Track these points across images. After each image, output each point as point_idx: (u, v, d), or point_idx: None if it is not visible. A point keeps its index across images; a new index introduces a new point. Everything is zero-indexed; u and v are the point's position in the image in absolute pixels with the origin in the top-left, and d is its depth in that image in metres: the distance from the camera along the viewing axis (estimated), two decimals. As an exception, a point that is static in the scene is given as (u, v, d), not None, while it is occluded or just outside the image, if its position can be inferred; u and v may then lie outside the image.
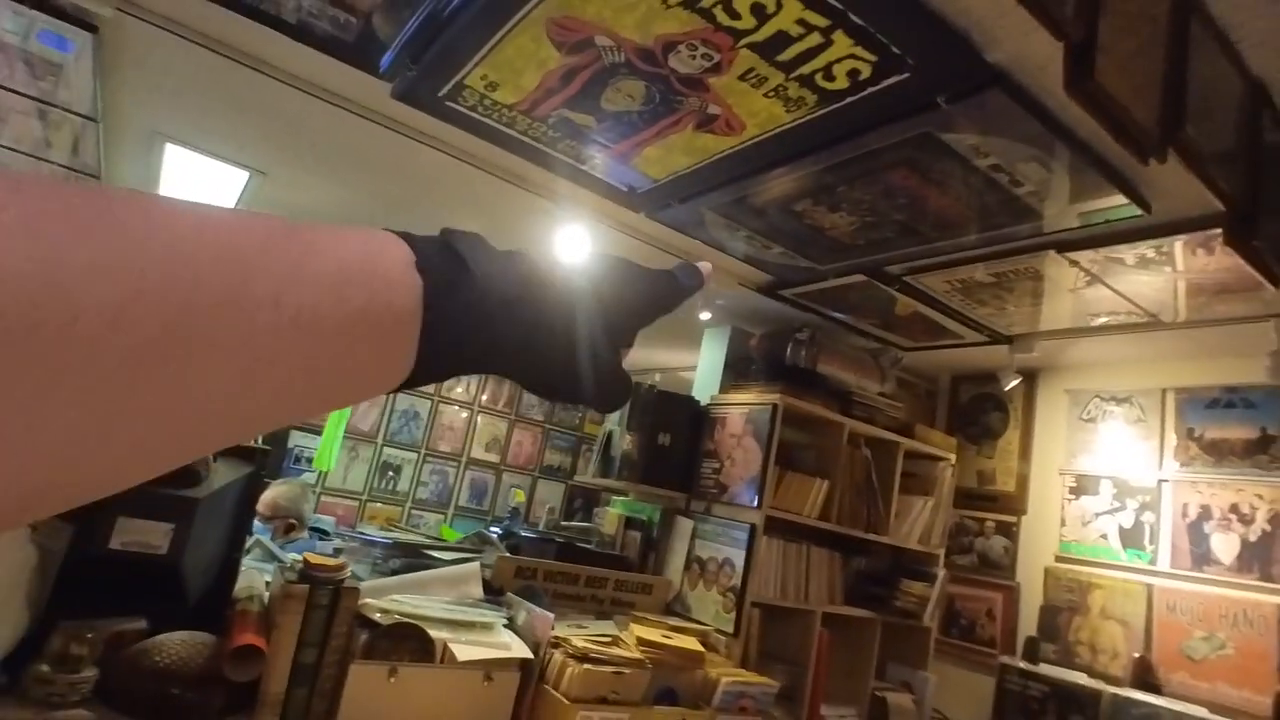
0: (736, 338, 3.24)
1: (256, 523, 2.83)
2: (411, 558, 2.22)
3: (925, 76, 1.44)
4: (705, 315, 3.30)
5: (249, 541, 2.22)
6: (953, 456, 3.05)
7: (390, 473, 5.40)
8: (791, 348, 2.94)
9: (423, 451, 5.54)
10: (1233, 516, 2.50)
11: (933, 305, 2.70)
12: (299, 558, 1.74)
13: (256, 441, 2.26)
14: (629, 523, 3.06)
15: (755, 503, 2.53)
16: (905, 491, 2.93)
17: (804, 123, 1.68)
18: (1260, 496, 2.46)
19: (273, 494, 2.98)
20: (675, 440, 2.85)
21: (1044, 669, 2.61)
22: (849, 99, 1.56)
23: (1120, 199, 1.77)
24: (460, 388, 5.74)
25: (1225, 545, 2.49)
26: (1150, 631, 2.54)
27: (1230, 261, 1.94)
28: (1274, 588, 2.35)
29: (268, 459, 1.88)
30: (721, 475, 2.72)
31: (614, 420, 2.99)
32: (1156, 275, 2.16)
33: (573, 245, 2.60)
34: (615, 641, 2.03)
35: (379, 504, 5.26)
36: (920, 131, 1.63)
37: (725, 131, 1.80)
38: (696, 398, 3.00)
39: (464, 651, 1.73)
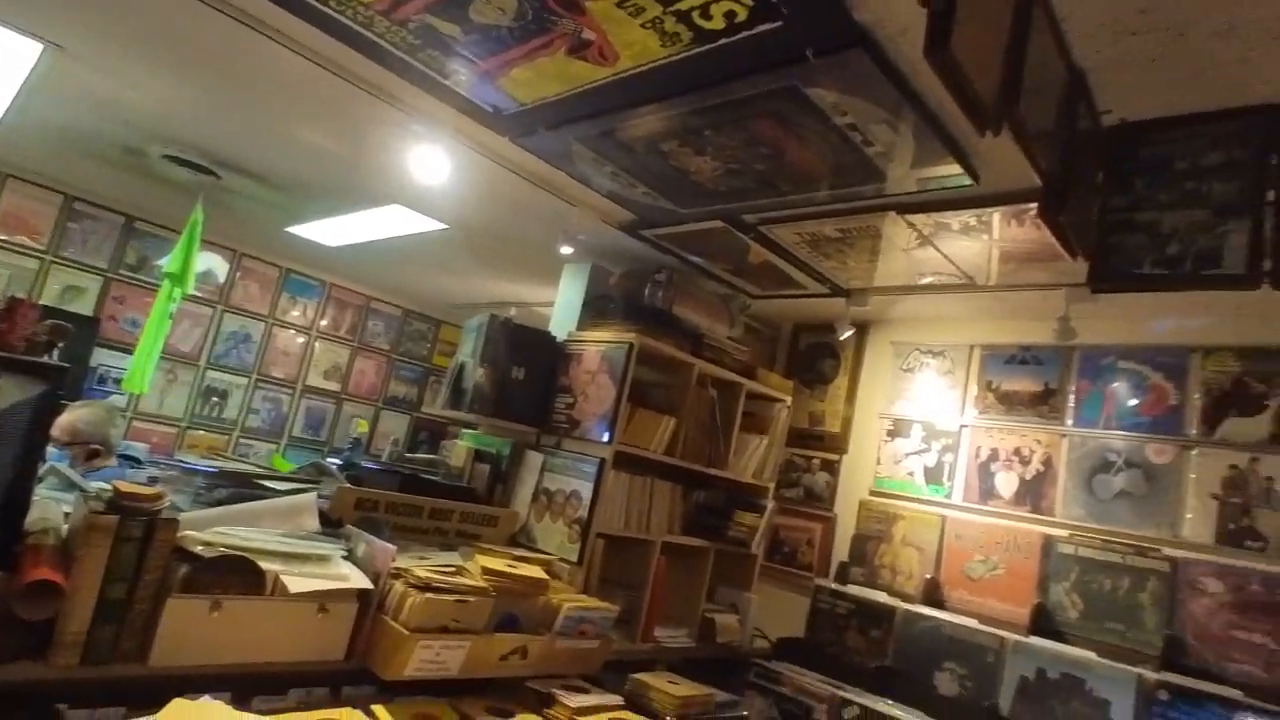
0: (596, 275, 3.24)
1: (52, 449, 2.52)
2: (240, 488, 2.08)
3: (796, 27, 1.47)
4: (566, 250, 3.26)
5: (43, 469, 1.98)
6: (789, 399, 3.26)
7: (215, 398, 4.98)
8: (650, 288, 2.98)
9: (254, 377, 5.14)
10: (1015, 458, 2.88)
11: (782, 255, 2.82)
12: (106, 486, 1.57)
13: (51, 356, 2.00)
14: (478, 456, 3.03)
15: (607, 438, 2.58)
16: (744, 430, 3.10)
17: (677, 60, 1.67)
18: (1039, 441, 2.84)
19: (71, 417, 2.66)
20: (530, 375, 2.83)
21: (851, 589, 2.92)
22: (723, 40, 1.56)
23: (955, 168, 1.92)
24: (297, 311, 5.35)
25: (1007, 483, 2.88)
26: (940, 556, 2.91)
27: (1037, 234, 2.18)
28: (1041, 518, 2.75)
29: (64, 377, 1.66)
30: (574, 411, 2.75)
31: (466, 353, 2.92)
32: (976, 241, 2.39)
33: (430, 165, 2.46)
34: (459, 571, 2.03)
35: (201, 431, 4.85)
36: (787, 84, 1.67)
37: (598, 60, 1.75)
38: (553, 334, 2.98)
39: (296, 583, 1.66)
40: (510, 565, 2.12)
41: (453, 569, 2.03)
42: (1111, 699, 2.20)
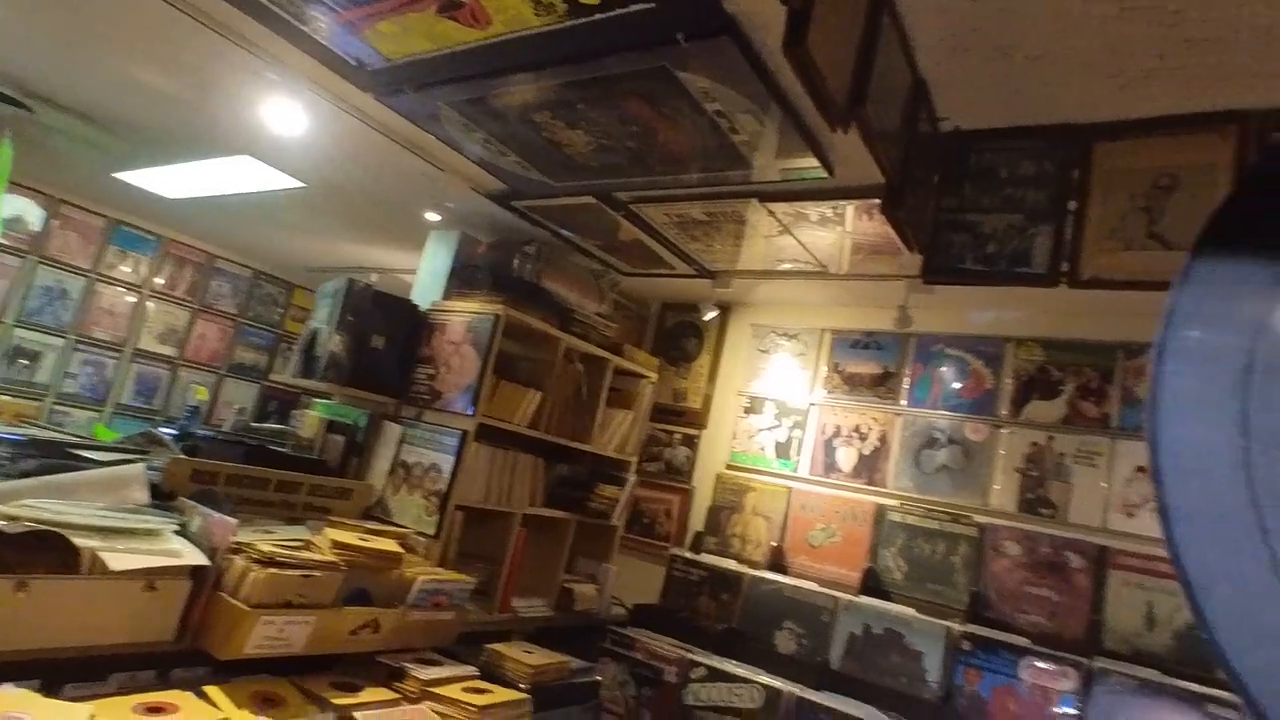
0: (464, 244, 3.16)
1: None
2: (51, 459, 1.88)
3: (668, 10, 1.51)
4: (433, 217, 3.16)
5: None
6: (654, 375, 3.35)
7: (24, 361, 4.44)
8: (519, 260, 2.96)
9: (72, 337, 4.62)
10: (855, 435, 3.12)
11: (652, 235, 2.88)
12: (-120, 453, 1.38)
13: None
14: (331, 427, 2.90)
15: (470, 410, 2.55)
16: (611, 405, 3.16)
17: (551, 31, 1.66)
18: (875, 420, 3.09)
19: None
20: (390, 344, 2.74)
21: (705, 558, 3.07)
22: (597, 16, 1.57)
23: (813, 161, 2.03)
24: (127, 266, 4.85)
25: (847, 457, 3.11)
26: (786, 525, 3.11)
27: (882, 228, 2.36)
28: (875, 490, 3.00)
29: None
30: (437, 382, 2.69)
31: (320, 318, 2.78)
32: (830, 233, 2.54)
33: (286, 117, 2.30)
34: (307, 546, 1.95)
35: (7, 397, 4.32)
36: (658, 65, 1.70)
37: (469, 23, 1.71)
38: (416, 302, 2.89)
39: (118, 560, 1.54)
40: (362, 539, 2.06)
41: (300, 543, 1.95)
42: (925, 650, 2.45)
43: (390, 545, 2.09)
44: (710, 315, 3.33)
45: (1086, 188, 1.63)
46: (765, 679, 2.44)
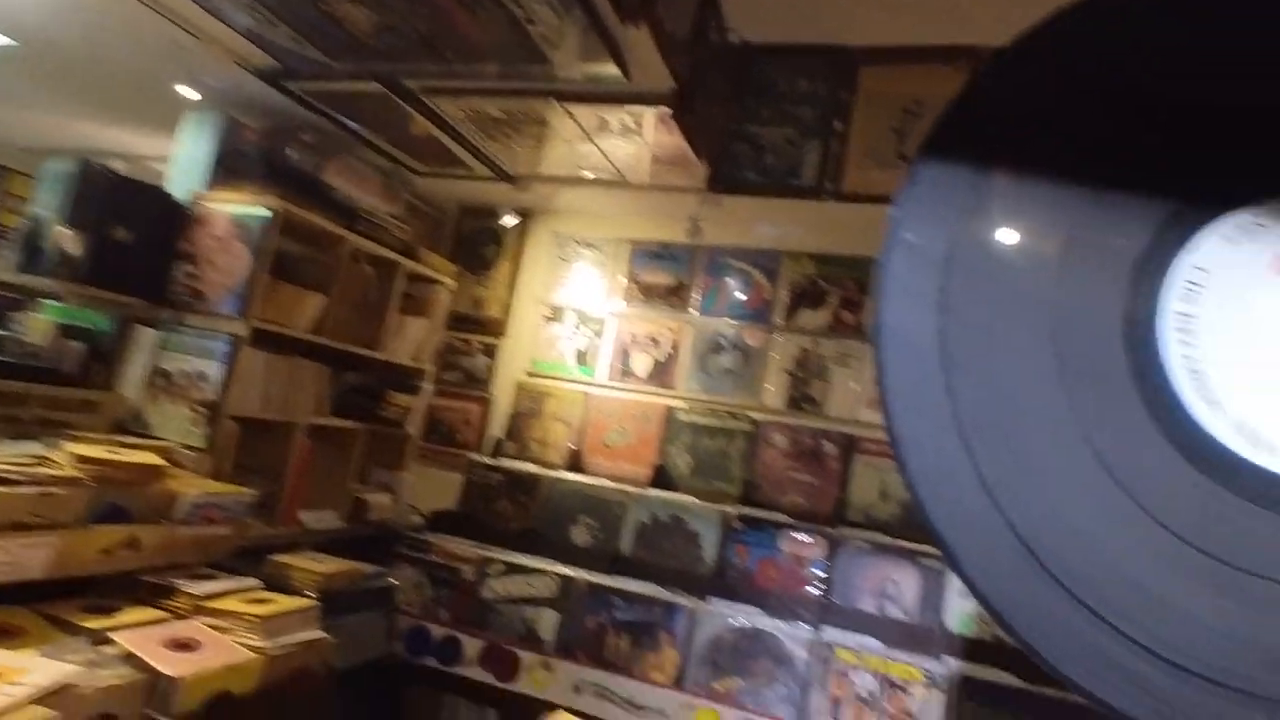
0: (229, 129, 2.79)
1: None
2: None
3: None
4: (189, 94, 2.75)
5: None
6: (452, 282, 3.26)
7: None
8: (296, 149, 2.68)
9: None
10: (649, 343, 3.28)
11: (447, 131, 2.74)
12: None
13: None
14: (69, 332, 2.51)
15: (239, 313, 2.33)
16: (404, 311, 3.04)
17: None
18: (669, 329, 3.26)
19: None
20: (140, 239, 2.40)
21: (504, 463, 3.12)
22: None
23: (609, 63, 2.02)
24: None
25: (642, 364, 3.27)
26: (584, 429, 3.23)
27: (679, 141, 2.42)
28: (666, 393, 3.20)
29: None
30: (200, 282, 2.41)
31: (44, 206, 2.36)
32: (631, 143, 2.57)
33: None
34: (41, 462, 1.71)
35: None
36: (447, -64, 1.59)
37: None
38: (172, 192, 2.54)
39: None
40: (113, 452, 1.85)
41: (32, 459, 1.71)
42: (703, 532, 2.72)
43: (149, 458, 1.90)
44: (510, 222, 3.27)
45: (851, 109, 1.80)
46: (561, 569, 2.58)
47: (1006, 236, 0.96)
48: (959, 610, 2.38)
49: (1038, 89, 0.92)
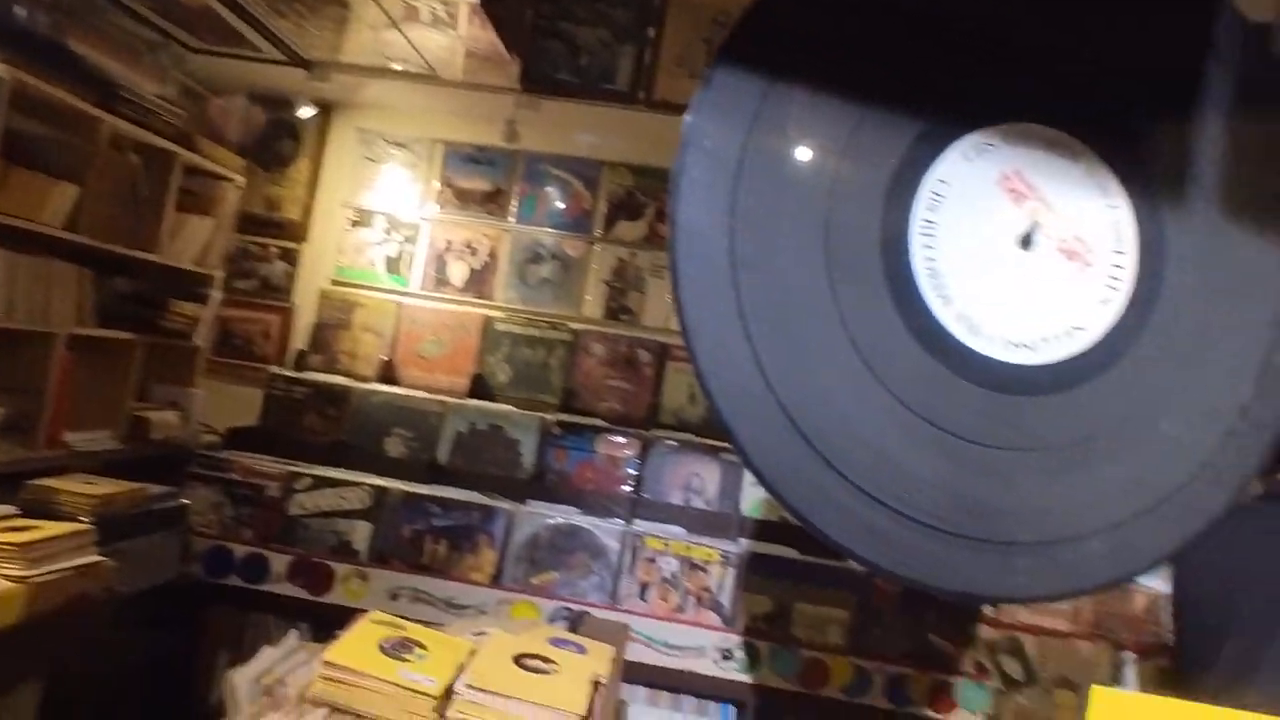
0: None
1: None
2: None
3: None
4: None
5: None
6: (240, 178, 2.94)
7: None
8: (26, 5, 2.24)
9: None
10: (466, 250, 3.19)
11: (225, 2, 2.41)
12: None
13: None
14: None
15: (-36, 201, 1.96)
16: (183, 209, 2.72)
17: None
18: (486, 236, 3.19)
19: None
20: None
21: (309, 375, 2.95)
22: None
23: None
24: None
25: (458, 272, 3.19)
26: (397, 339, 3.12)
27: (491, 35, 2.31)
28: (483, 303, 3.16)
29: None
30: (-97, 162, 1.99)
31: None
32: (443, 35, 2.42)
33: None
34: None
35: None
36: None
37: None
38: None
39: None
40: None
41: None
42: (522, 439, 2.77)
43: None
44: (307, 113, 2.98)
45: (664, 16, 1.81)
46: (374, 480, 2.53)
47: (792, 146, 1.04)
48: (751, 498, 2.65)
49: (815, 2, 0.99)
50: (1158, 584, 2.31)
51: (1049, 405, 1.01)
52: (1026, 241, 1.03)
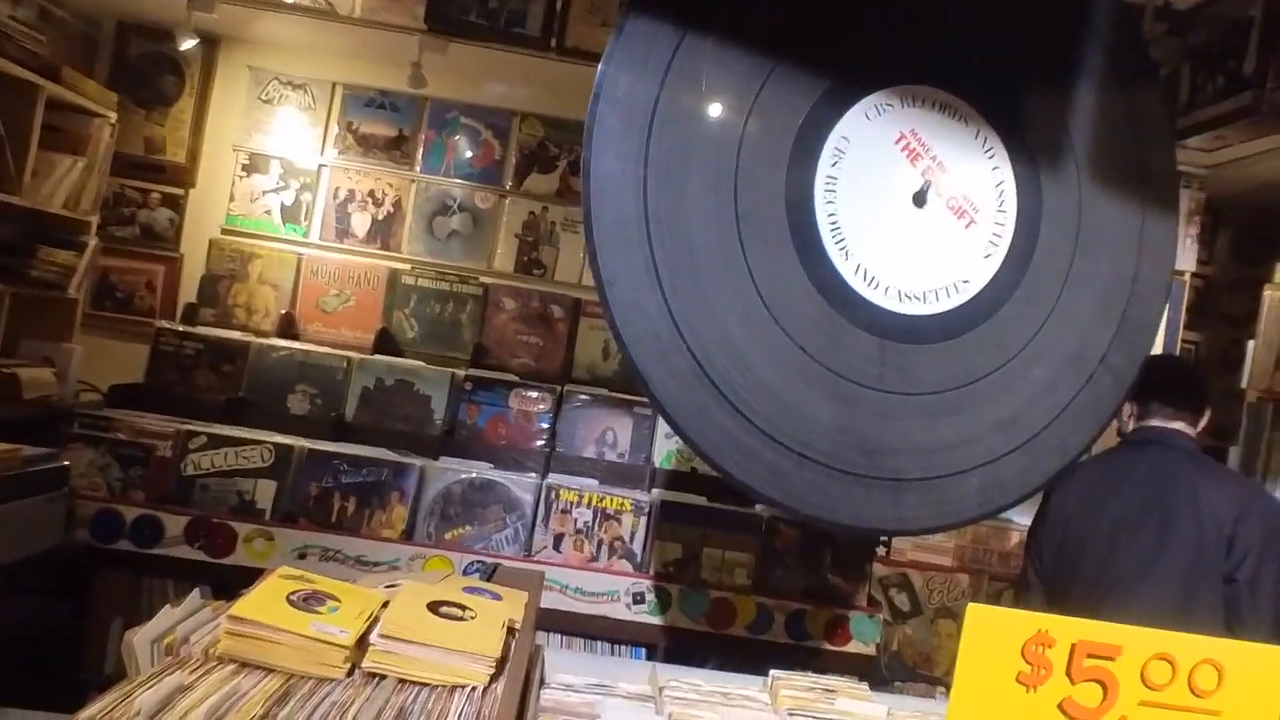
0: None
1: None
2: None
3: None
4: None
5: None
6: (113, 115, 2.70)
7: None
8: None
9: None
10: (369, 200, 3.07)
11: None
12: None
13: None
14: None
15: None
16: (48, 148, 2.48)
17: None
18: (391, 185, 3.07)
19: None
20: None
21: (200, 330, 2.79)
22: None
23: None
24: None
25: (361, 223, 3.07)
26: (297, 292, 2.99)
27: (393, -30, 2.20)
28: (389, 255, 3.06)
29: None
30: None
31: None
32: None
33: None
34: None
35: None
36: None
37: None
38: None
39: None
40: None
41: None
42: (433, 394, 2.72)
43: None
44: (188, 44, 2.76)
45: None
46: (276, 438, 2.44)
47: (704, 100, 1.06)
48: (663, 449, 2.72)
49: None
50: (1027, 520, 2.55)
51: (935, 353, 1.08)
52: (920, 199, 1.09)
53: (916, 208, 1.08)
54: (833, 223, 1.05)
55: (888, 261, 1.07)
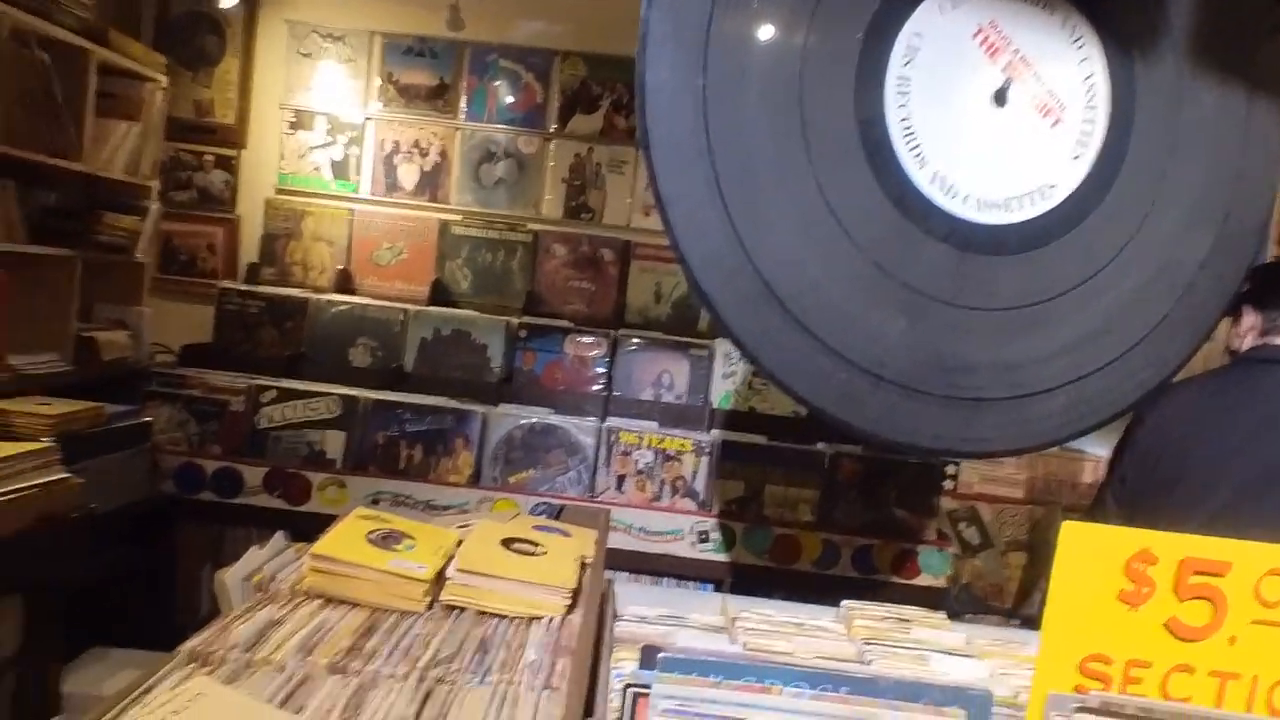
0: None
1: None
2: None
3: None
4: None
5: None
6: (163, 78, 2.72)
7: None
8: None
9: None
10: (415, 151, 3.05)
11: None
12: None
13: None
14: None
15: None
16: (104, 115, 2.52)
17: None
18: (435, 134, 3.05)
19: None
20: None
21: (262, 289, 2.85)
22: None
23: None
24: None
25: (409, 174, 3.06)
26: (350, 248, 3.02)
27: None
28: (438, 206, 3.05)
29: None
30: None
31: None
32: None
33: None
34: None
35: None
36: None
37: None
38: None
39: None
40: None
41: None
42: (489, 342, 2.74)
43: None
44: (230, 2, 2.75)
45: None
46: (341, 390, 2.49)
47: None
48: (721, 390, 2.69)
49: None
50: (1102, 451, 2.44)
51: (1019, 263, 1.02)
52: (1001, 98, 1.01)
53: (998, 107, 1.00)
54: (906, 128, 0.98)
55: (966, 167, 0.99)
